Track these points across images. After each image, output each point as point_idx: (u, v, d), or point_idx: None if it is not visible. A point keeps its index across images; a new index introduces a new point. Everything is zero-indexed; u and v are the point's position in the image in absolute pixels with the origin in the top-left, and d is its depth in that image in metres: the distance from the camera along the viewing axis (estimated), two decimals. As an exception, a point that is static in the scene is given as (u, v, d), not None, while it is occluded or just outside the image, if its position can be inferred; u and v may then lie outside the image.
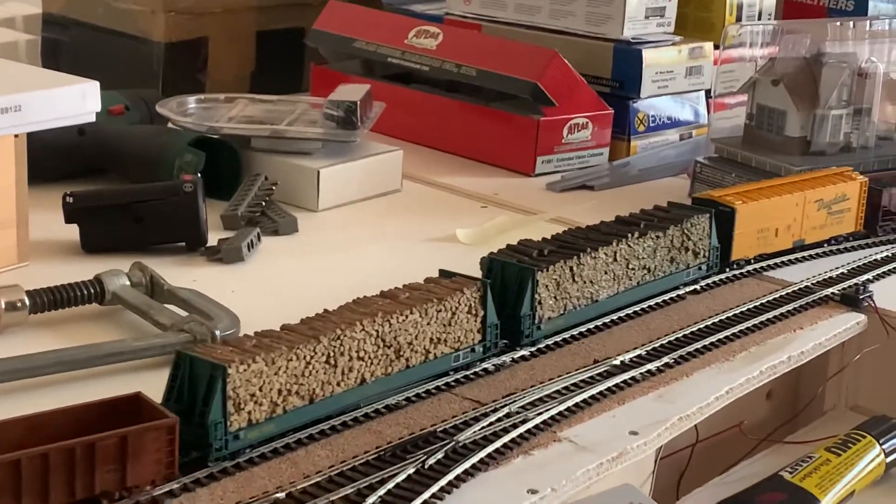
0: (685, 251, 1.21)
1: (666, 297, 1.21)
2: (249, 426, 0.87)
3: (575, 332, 1.13)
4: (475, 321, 1.02)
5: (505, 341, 1.07)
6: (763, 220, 1.28)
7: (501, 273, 1.07)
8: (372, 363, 0.95)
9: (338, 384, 0.93)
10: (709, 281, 1.26)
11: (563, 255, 1.10)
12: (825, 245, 1.36)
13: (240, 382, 0.86)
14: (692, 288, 1.23)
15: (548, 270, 1.07)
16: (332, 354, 0.92)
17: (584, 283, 1.11)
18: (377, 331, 0.95)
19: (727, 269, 1.27)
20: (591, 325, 1.14)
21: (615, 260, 1.14)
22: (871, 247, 1.40)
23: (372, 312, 0.95)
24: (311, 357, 0.91)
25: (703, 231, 1.22)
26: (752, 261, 1.29)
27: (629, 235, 1.15)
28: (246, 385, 0.86)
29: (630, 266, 1.16)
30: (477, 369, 1.05)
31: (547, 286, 1.08)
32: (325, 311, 0.97)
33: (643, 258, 1.17)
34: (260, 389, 0.88)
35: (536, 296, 1.06)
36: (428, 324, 0.98)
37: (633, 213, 1.22)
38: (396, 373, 0.97)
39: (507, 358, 1.07)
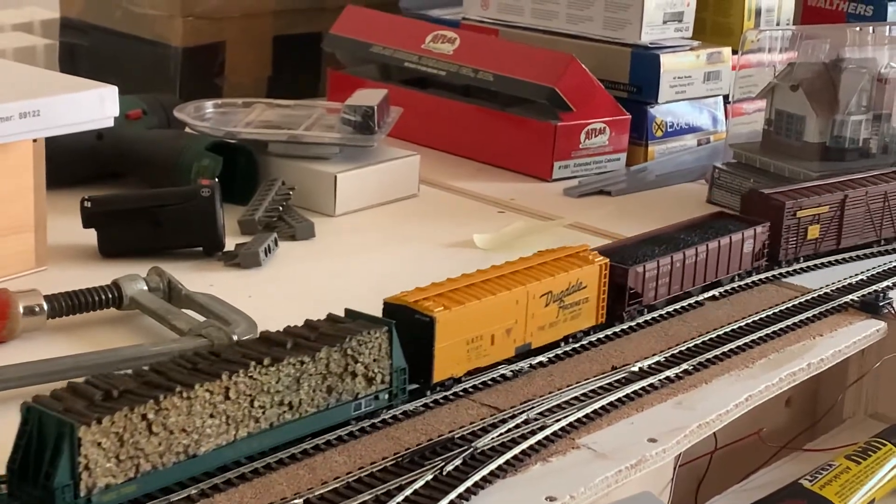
0: (352, 377, 0.93)
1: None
2: None
3: (593, 338, 1.12)
4: None
5: None
6: (474, 326, 1.01)
7: (39, 426, 0.79)
8: None
9: None
10: (401, 410, 0.98)
11: (136, 399, 0.81)
12: (561, 345, 1.10)
13: None
14: (371, 422, 0.96)
15: (100, 423, 0.79)
16: None
17: (172, 433, 0.83)
18: None
19: (428, 393, 0.99)
20: (609, 331, 1.14)
21: (228, 398, 0.86)
22: (889, 253, 1.39)
23: None
24: None
25: (378, 350, 0.94)
26: (463, 379, 1.02)
27: (250, 365, 0.87)
28: None
29: (257, 404, 0.88)
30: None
31: (100, 444, 0.79)
32: None
33: (279, 392, 0.89)
34: None
35: (82, 458, 0.78)
36: None
37: (290, 327, 0.94)
38: None
39: (524, 364, 1.07)
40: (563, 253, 1.11)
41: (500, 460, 0.91)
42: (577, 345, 1.11)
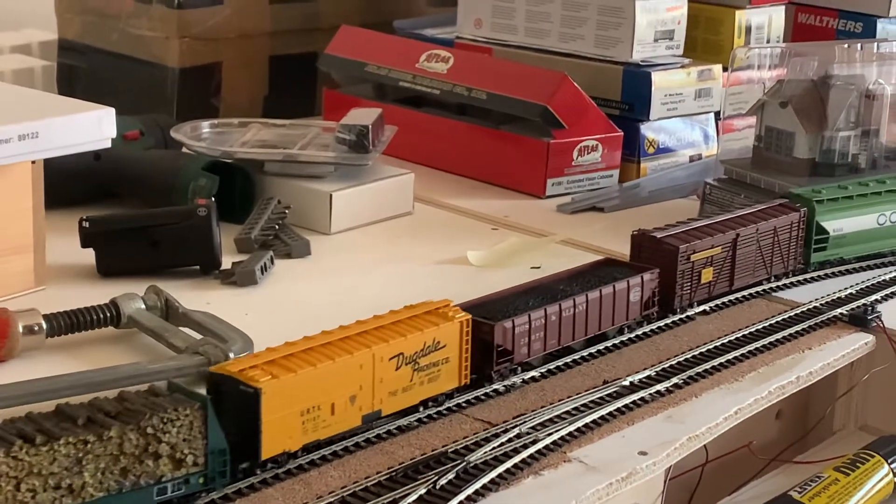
0: (154, 459, 0.84)
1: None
2: None
3: (585, 353, 1.14)
4: None
5: None
6: (308, 396, 0.92)
7: None
8: None
9: None
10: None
11: None
12: (420, 409, 1.01)
13: None
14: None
15: None
16: None
17: None
18: None
19: (257, 472, 0.90)
20: (601, 347, 1.15)
21: None
22: (877, 268, 1.40)
23: None
24: None
25: (188, 429, 0.86)
26: (300, 453, 0.93)
27: (15, 444, 0.79)
28: None
29: (24, 487, 0.79)
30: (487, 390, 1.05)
31: None
32: None
33: (54, 474, 0.80)
34: None
35: None
36: None
37: (97, 399, 0.87)
38: None
39: (517, 379, 1.08)
40: (422, 309, 1.02)
41: (493, 474, 0.92)
42: (435, 410, 1.02)
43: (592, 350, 1.14)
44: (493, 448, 0.96)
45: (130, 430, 0.83)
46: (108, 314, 1.14)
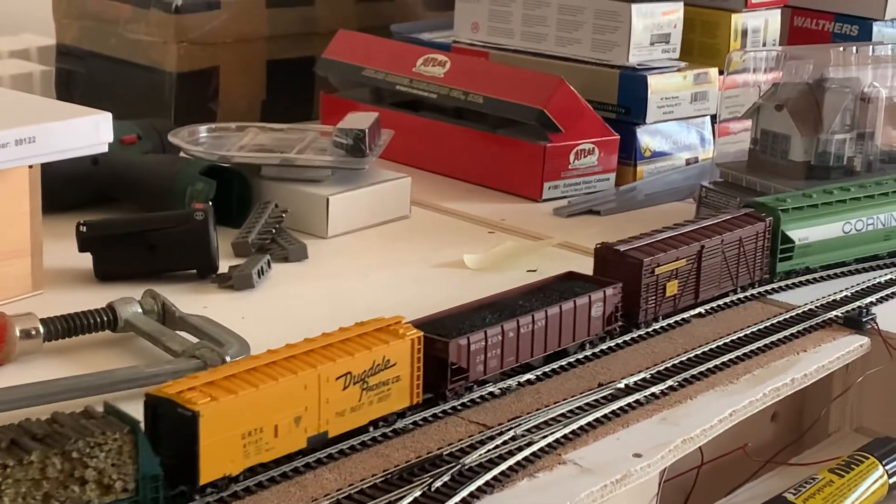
0: (80, 484, 0.81)
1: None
2: None
3: (580, 355, 1.14)
4: None
5: None
6: (250, 418, 0.88)
7: None
8: None
9: None
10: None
11: None
12: (370, 429, 0.98)
13: None
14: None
15: None
16: None
17: None
18: None
19: (197, 497, 0.87)
20: (595, 351, 1.16)
21: None
22: (873, 270, 1.40)
23: None
24: None
25: (118, 454, 0.82)
26: (242, 477, 0.89)
27: None
28: None
29: None
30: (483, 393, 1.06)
31: None
32: None
33: None
34: None
35: None
36: None
37: (27, 421, 0.83)
38: None
39: (512, 382, 1.09)
40: (372, 327, 0.98)
41: (488, 476, 0.93)
42: (388, 429, 0.99)
43: (588, 353, 1.15)
44: (489, 450, 0.96)
45: (54, 454, 0.80)
46: (105, 318, 1.14)
